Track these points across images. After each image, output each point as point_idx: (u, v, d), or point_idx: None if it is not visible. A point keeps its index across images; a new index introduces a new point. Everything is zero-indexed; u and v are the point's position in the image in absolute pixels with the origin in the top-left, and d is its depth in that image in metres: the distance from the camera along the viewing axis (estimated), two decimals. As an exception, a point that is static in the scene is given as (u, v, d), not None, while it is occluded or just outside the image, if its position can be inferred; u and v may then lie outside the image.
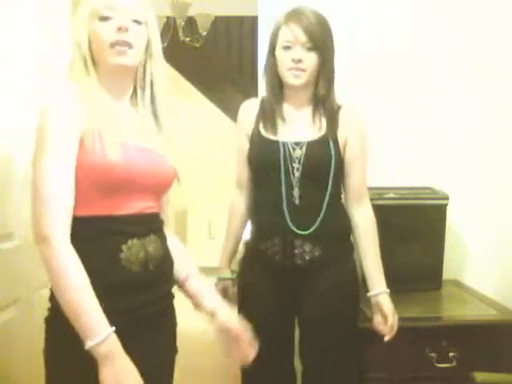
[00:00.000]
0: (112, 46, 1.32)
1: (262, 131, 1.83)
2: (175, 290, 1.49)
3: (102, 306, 1.24)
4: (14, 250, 1.95)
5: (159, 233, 1.41)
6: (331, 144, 1.78)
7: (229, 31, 5.17)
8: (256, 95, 2.41)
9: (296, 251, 1.77)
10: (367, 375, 1.87)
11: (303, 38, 1.73)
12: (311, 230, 1.76)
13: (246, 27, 5.04)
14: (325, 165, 1.77)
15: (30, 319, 1.97)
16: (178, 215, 5.96)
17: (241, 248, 2.00)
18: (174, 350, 1.50)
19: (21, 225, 1.96)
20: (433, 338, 1.88)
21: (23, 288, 2.00)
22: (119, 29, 1.31)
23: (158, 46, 1.42)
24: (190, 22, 4.31)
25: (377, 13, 2.38)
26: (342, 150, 1.81)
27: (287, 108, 1.85)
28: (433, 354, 1.86)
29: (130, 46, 1.33)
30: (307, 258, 1.77)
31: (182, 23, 4.12)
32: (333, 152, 1.78)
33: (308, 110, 1.84)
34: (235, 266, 2.00)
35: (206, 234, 6.18)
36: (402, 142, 2.39)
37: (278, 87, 1.84)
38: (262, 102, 1.87)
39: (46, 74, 2.10)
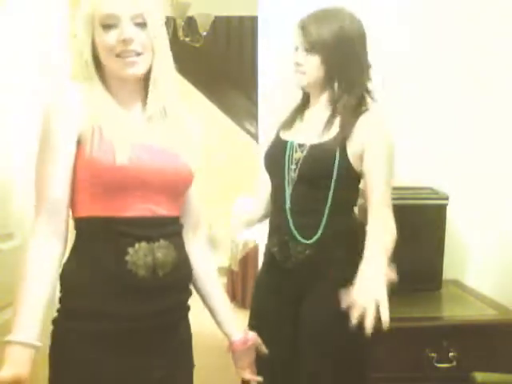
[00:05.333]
0: (118, 56, 1.27)
1: (281, 131, 1.88)
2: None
3: (104, 308, 1.25)
4: (14, 250, 1.95)
5: (173, 238, 1.34)
6: (337, 150, 1.73)
7: (229, 31, 5.16)
8: (256, 95, 2.41)
9: (291, 251, 1.78)
10: (367, 375, 1.87)
11: (302, 40, 1.76)
12: (313, 238, 1.75)
13: (246, 27, 5.04)
14: (324, 170, 1.74)
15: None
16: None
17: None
18: (187, 365, 1.43)
19: (21, 225, 1.97)
20: (433, 338, 1.88)
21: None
22: (124, 41, 1.26)
23: (162, 43, 1.36)
24: (190, 22, 4.32)
25: (377, 13, 2.38)
26: (352, 157, 1.74)
27: (309, 110, 1.87)
28: (433, 354, 1.86)
29: (138, 54, 1.29)
30: (300, 258, 1.76)
31: (182, 23, 4.12)
32: (337, 158, 1.72)
33: (326, 113, 1.81)
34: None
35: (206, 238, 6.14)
36: (401, 142, 2.37)
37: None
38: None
39: (45, 73, 2.10)
